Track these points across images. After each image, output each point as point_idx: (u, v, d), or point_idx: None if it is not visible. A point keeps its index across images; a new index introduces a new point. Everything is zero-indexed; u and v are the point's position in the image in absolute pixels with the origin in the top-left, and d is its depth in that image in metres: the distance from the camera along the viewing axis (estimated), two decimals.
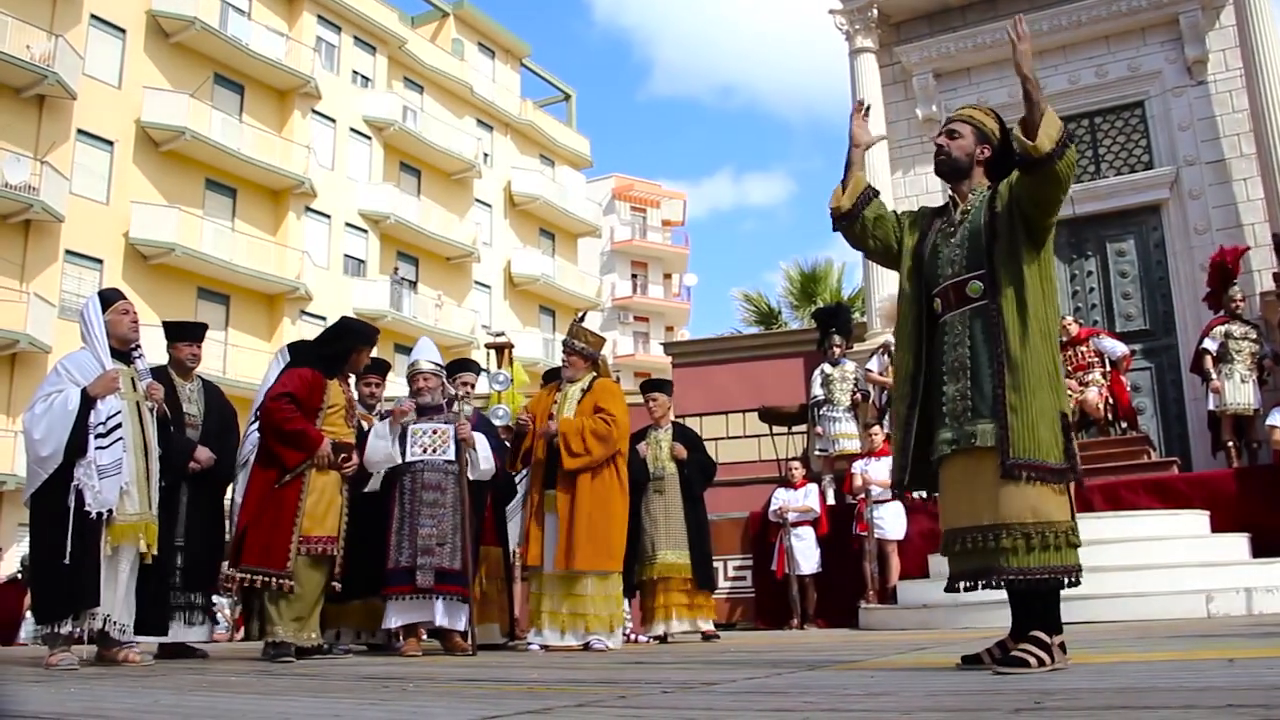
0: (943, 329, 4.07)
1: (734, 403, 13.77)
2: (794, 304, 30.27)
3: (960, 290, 4.01)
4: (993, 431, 3.79)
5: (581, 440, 6.98)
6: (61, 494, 5.47)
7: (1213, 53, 13.07)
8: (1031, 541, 3.68)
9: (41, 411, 5.59)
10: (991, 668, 3.65)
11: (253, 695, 3.76)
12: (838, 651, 5.66)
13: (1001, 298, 3.89)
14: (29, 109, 25.75)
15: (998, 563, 3.73)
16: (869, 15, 14.55)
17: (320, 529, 6.21)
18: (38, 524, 5.56)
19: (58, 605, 5.45)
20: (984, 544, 3.77)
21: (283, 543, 6.07)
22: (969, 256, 4.02)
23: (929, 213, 4.35)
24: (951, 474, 3.97)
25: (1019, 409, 3.76)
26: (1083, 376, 11.59)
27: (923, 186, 14.55)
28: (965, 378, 3.93)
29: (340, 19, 34.76)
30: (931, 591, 9.49)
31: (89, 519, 5.50)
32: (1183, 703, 2.51)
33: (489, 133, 40.86)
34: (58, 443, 5.50)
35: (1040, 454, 3.73)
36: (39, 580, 5.55)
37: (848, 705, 2.82)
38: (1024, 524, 3.69)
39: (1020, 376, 3.78)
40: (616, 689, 3.55)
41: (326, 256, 32.88)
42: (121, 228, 27.44)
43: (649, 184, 54.04)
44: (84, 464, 5.52)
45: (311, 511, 6.17)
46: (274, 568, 6.01)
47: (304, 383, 6.36)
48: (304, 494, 6.17)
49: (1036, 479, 3.72)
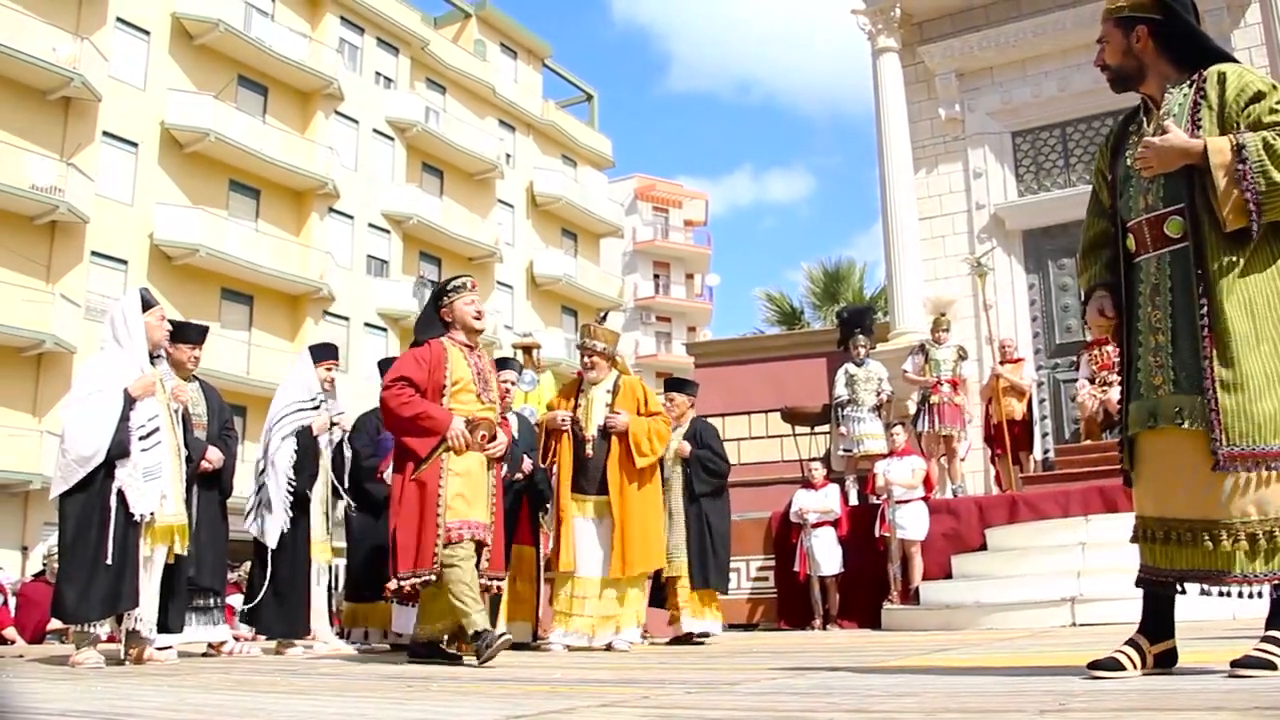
0: (1137, 273, 3.37)
1: (756, 403, 13.76)
2: (816, 304, 30.24)
3: (1158, 228, 3.29)
4: (1199, 411, 3.13)
5: (649, 441, 7.02)
6: (99, 494, 5.50)
7: (1238, 51, 12.95)
8: (1258, 545, 3.05)
9: (85, 409, 5.60)
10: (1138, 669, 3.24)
11: (279, 694, 3.78)
12: (861, 652, 5.65)
13: (1206, 242, 3.17)
14: (55, 111, 25.92)
15: (1217, 567, 3.10)
16: (891, 15, 14.52)
17: (465, 516, 5.56)
18: (73, 523, 5.52)
19: (97, 605, 5.45)
20: (1197, 541, 3.14)
21: (428, 540, 5.49)
22: (1167, 184, 3.28)
23: (1127, 116, 3.62)
24: (1148, 451, 3.31)
25: (1231, 384, 3.08)
26: (1107, 376, 11.53)
27: (945, 186, 14.53)
28: (1164, 339, 3.24)
29: (363, 20, 34.86)
30: (954, 592, 9.48)
31: (132, 520, 5.55)
32: (1210, 705, 2.50)
33: (511, 133, 40.91)
34: (101, 442, 5.50)
35: (1262, 437, 3.05)
36: (73, 580, 5.49)
37: (871, 706, 2.82)
38: (1248, 521, 3.07)
39: (1232, 341, 3.09)
40: (640, 689, 3.56)
41: (349, 257, 32.98)
42: (146, 229, 27.59)
43: (671, 184, 54.05)
44: (128, 466, 5.56)
45: (453, 500, 5.54)
46: (422, 568, 5.47)
47: (418, 361, 5.68)
48: (444, 482, 5.54)
49: (1260, 466, 3.05)
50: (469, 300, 5.89)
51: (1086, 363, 11.92)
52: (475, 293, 6.00)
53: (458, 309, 5.84)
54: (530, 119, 41.80)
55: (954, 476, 11.79)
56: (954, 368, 11.68)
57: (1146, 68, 3.46)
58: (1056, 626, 8.07)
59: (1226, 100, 3.25)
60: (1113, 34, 3.51)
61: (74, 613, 5.53)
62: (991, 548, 10.03)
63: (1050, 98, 14.10)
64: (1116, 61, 3.52)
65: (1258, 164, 3.08)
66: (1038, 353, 13.73)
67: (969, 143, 14.47)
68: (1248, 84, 3.25)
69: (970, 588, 9.34)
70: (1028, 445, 12.43)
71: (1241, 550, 3.06)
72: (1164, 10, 3.39)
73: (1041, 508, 10.16)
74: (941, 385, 11.55)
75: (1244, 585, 3.07)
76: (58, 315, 24.59)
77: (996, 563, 9.65)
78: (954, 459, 11.81)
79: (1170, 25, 3.39)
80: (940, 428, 11.52)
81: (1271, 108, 3.18)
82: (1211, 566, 3.11)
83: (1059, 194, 13.94)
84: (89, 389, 5.70)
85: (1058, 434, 13.49)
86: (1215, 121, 3.25)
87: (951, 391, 11.58)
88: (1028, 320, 13.92)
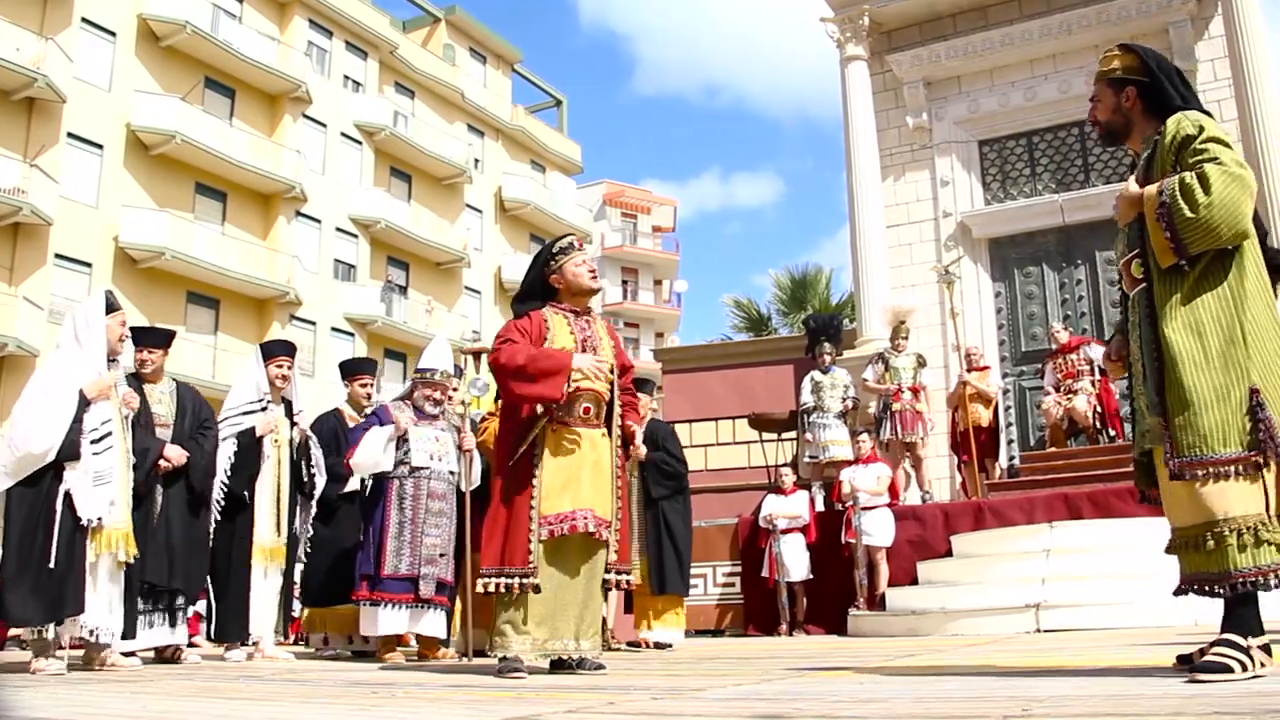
0: (1128, 310, 3.73)
1: (724, 409, 13.79)
2: (784, 310, 30.35)
3: (1129, 270, 3.64)
4: (1160, 431, 3.44)
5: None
6: (45, 495, 5.40)
7: (1202, 63, 13.13)
8: (1205, 544, 3.31)
9: (39, 406, 5.51)
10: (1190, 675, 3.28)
11: (242, 701, 3.75)
12: (827, 658, 5.67)
13: (1155, 279, 3.51)
14: (18, 112, 25.64)
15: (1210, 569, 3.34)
16: (860, 24, 14.61)
17: (568, 504, 4.86)
18: (19, 523, 5.39)
19: (40, 609, 5.34)
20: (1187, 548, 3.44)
21: (522, 530, 4.78)
22: (1129, 231, 3.64)
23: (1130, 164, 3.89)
24: (1157, 468, 3.58)
25: (1180, 403, 3.36)
26: (1072, 384, 11.65)
27: (913, 194, 14.61)
28: (1140, 368, 3.59)
29: (331, 23, 34.70)
30: (920, 598, 9.52)
31: (79, 525, 5.45)
32: (1170, 710, 2.52)
33: (480, 138, 40.82)
34: (53, 440, 5.41)
35: (1209, 446, 3.30)
36: (17, 582, 5.34)
37: (837, 712, 2.82)
38: (1196, 525, 3.35)
39: (1178, 364, 3.37)
40: (605, 695, 3.55)
41: (317, 261, 32.79)
42: (111, 231, 27.33)
43: (639, 190, 54.10)
44: (78, 468, 5.47)
45: (550, 483, 4.86)
46: (515, 565, 4.76)
47: (520, 330, 5.08)
48: (538, 465, 4.88)
49: (1209, 476, 3.31)
50: (579, 261, 5.28)
51: (1051, 371, 12.03)
52: (585, 251, 5.43)
53: (568, 271, 5.22)
54: (499, 124, 41.72)
55: (922, 483, 11.87)
56: (914, 375, 11.76)
57: (1133, 125, 3.77)
58: (1021, 632, 8.12)
59: (1165, 147, 3.55)
60: (1104, 93, 3.82)
61: (17, 616, 5.42)
62: (957, 554, 10.09)
63: (1017, 107, 14.23)
64: (1106, 118, 3.82)
65: (1173, 204, 3.40)
66: (1003, 360, 13.83)
67: (936, 151, 14.56)
68: (1180, 129, 3.52)
69: (936, 594, 9.39)
70: (994, 452, 12.52)
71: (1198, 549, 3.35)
72: (1149, 74, 3.71)
73: (1007, 514, 10.24)
74: (903, 393, 11.63)
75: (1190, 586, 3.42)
76: (20, 318, 24.29)
77: (962, 569, 9.71)
78: (920, 465, 11.89)
79: (1155, 87, 3.70)
80: (904, 435, 11.59)
81: (1194, 149, 3.47)
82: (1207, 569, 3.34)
83: (1025, 203, 14.06)
84: (44, 386, 5.61)
85: (1023, 441, 13.59)
86: (1159, 169, 3.55)
87: (913, 399, 11.66)
88: (993, 328, 14.02)
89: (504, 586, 4.72)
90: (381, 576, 6.61)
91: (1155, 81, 3.70)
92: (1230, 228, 3.35)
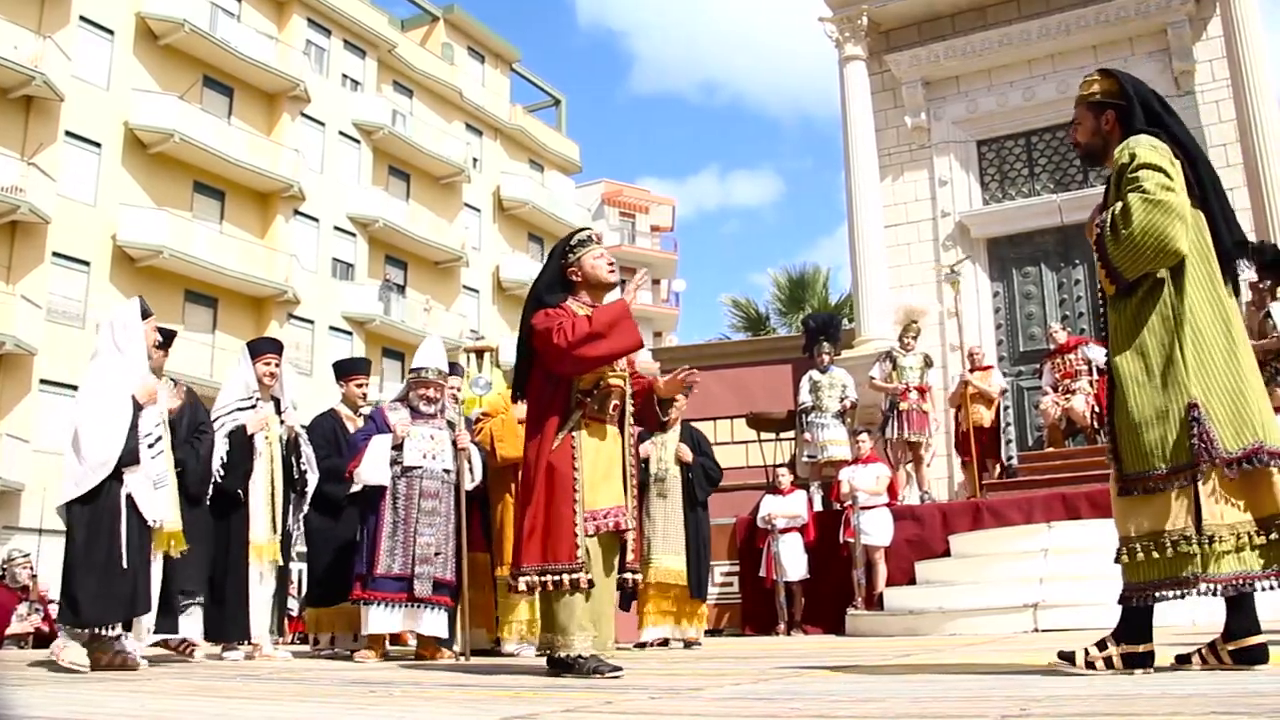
0: None
1: (722, 409, 13.77)
2: (782, 310, 30.33)
3: (1102, 289, 3.79)
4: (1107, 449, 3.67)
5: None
6: (108, 500, 5.47)
7: (1200, 64, 13.14)
8: (1136, 555, 3.48)
9: (97, 416, 5.55)
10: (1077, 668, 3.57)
11: (240, 699, 3.75)
12: (825, 658, 5.67)
13: (1110, 305, 3.71)
14: (16, 110, 25.62)
15: (1125, 578, 3.55)
16: (859, 23, 14.62)
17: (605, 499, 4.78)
18: (84, 529, 5.45)
19: (117, 608, 5.43)
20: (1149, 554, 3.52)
21: (566, 526, 4.64)
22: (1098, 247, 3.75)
23: None
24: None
25: (1125, 423, 3.55)
26: (1070, 384, 11.64)
27: (911, 194, 14.62)
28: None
29: (330, 22, 34.70)
30: (918, 598, 9.52)
31: (146, 527, 5.57)
32: (1167, 710, 2.52)
33: (478, 137, 40.81)
34: (115, 448, 5.48)
35: (1149, 463, 3.47)
36: (88, 585, 5.40)
37: (835, 712, 2.82)
38: (1129, 538, 3.52)
39: (1121, 384, 3.56)
40: (603, 694, 3.55)
41: (315, 260, 32.78)
42: (109, 230, 27.32)
43: (638, 189, 54.07)
44: (138, 472, 5.56)
45: (591, 478, 4.74)
46: (561, 561, 4.59)
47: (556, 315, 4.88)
48: (578, 455, 4.74)
49: (1145, 491, 3.49)
50: (598, 254, 5.19)
51: (1049, 371, 12.02)
52: (603, 244, 5.34)
53: (586, 264, 5.13)
54: (497, 123, 41.70)
55: (922, 483, 11.86)
56: (921, 375, 11.76)
57: (1110, 147, 3.84)
58: (1019, 632, 8.12)
59: (1113, 174, 3.70)
60: (1085, 116, 3.92)
61: (92, 616, 5.44)
62: (955, 554, 10.09)
63: (1015, 107, 14.24)
64: (1086, 140, 3.93)
65: (1104, 236, 3.61)
66: (1002, 360, 13.84)
67: (935, 151, 14.57)
68: (1119, 157, 3.68)
69: (934, 594, 9.39)
70: (995, 453, 12.52)
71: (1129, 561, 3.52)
72: (1127, 99, 3.82)
73: (1005, 514, 10.24)
74: (910, 392, 11.62)
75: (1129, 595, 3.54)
76: (18, 316, 24.29)
77: (960, 569, 9.71)
78: (921, 465, 11.89)
79: (1131, 111, 3.80)
80: (909, 434, 11.58)
81: (1127, 178, 3.61)
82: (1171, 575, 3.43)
83: (1023, 202, 14.07)
84: (99, 396, 5.65)
85: (1021, 441, 13.60)
86: (1112, 196, 3.69)
87: (919, 398, 11.65)
88: (992, 328, 14.03)
89: (552, 584, 4.58)
90: (374, 576, 6.61)
91: (1131, 106, 3.80)
92: (1157, 251, 3.48)
